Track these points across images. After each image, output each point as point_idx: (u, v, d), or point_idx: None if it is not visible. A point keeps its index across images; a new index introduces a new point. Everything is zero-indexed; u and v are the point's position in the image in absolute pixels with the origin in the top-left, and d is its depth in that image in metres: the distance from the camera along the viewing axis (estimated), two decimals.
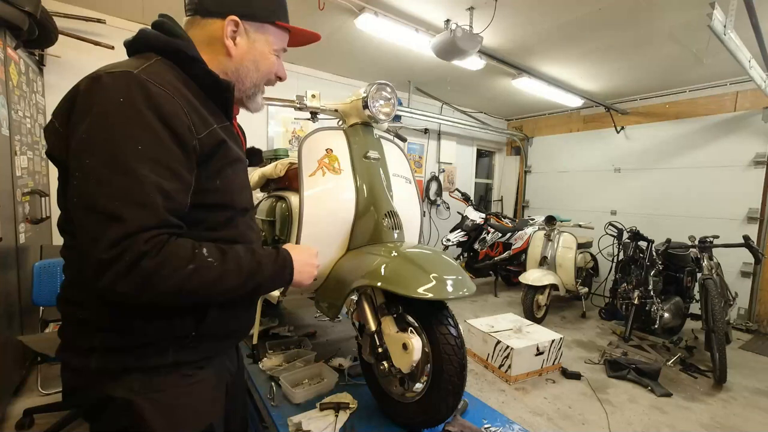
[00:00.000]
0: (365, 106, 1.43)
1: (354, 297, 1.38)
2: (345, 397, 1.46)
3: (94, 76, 0.66)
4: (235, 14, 0.78)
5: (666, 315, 3.19)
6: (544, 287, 3.84)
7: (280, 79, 0.90)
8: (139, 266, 0.60)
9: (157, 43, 0.74)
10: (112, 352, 0.72)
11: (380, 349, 1.22)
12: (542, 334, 2.89)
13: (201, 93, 0.76)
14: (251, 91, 0.86)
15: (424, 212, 4.05)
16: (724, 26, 2.38)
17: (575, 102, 5.08)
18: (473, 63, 3.66)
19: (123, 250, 0.59)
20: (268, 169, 1.91)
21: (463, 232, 4.77)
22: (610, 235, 3.93)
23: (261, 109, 0.93)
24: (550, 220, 4.21)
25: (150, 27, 0.77)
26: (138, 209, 0.61)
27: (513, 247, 4.78)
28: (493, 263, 4.84)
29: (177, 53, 0.74)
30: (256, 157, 1.00)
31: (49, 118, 2.96)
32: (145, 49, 0.75)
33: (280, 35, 0.87)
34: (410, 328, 1.21)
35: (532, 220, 4.94)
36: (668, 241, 3.45)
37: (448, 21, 3.10)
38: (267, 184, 2.09)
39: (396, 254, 1.22)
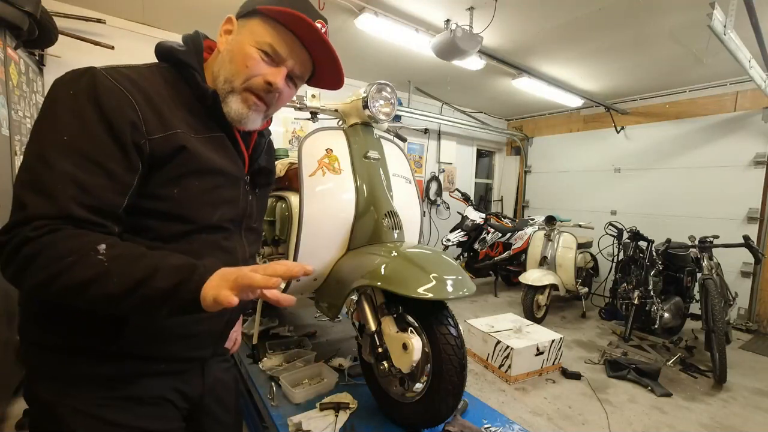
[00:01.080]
0: (365, 106, 1.43)
1: (354, 297, 1.38)
2: (345, 397, 1.46)
3: (67, 72, 0.66)
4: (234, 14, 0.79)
5: (666, 315, 3.19)
6: (544, 287, 3.83)
7: (270, 84, 0.76)
8: (20, 252, 0.57)
9: (162, 52, 0.77)
10: (36, 349, 0.72)
11: (380, 349, 1.22)
12: (542, 334, 2.89)
13: (193, 100, 0.75)
14: (224, 89, 0.76)
15: (424, 212, 4.05)
16: (724, 26, 2.38)
17: (575, 102, 5.08)
18: (473, 63, 3.66)
19: (13, 236, 0.57)
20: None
21: (463, 232, 4.77)
22: (610, 235, 3.93)
23: (240, 119, 0.78)
24: (550, 220, 4.20)
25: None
26: (40, 198, 0.58)
27: (513, 247, 4.77)
28: (493, 263, 4.83)
29: (172, 60, 0.76)
30: (262, 177, 0.92)
31: None
32: (158, 59, 0.78)
33: (269, 26, 0.75)
34: (410, 328, 1.21)
35: (532, 220, 4.94)
36: (668, 241, 3.45)
37: (448, 21, 3.10)
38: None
39: (396, 254, 1.22)
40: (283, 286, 1.51)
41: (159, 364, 0.77)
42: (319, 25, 0.77)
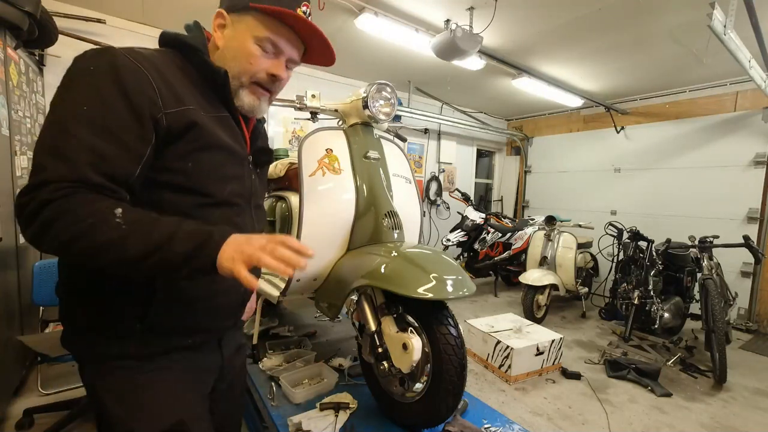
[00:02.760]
0: (365, 106, 1.43)
1: (354, 297, 1.38)
2: (345, 397, 1.46)
3: (84, 51, 0.70)
4: (223, 7, 0.83)
5: (666, 315, 3.19)
6: (544, 287, 3.83)
7: (274, 76, 0.83)
8: (41, 213, 0.60)
9: (168, 38, 0.82)
10: (73, 335, 0.78)
11: (380, 349, 1.22)
12: (542, 334, 2.89)
13: (201, 81, 0.79)
14: (234, 84, 0.81)
15: (424, 212, 4.05)
16: (724, 26, 2.38)
17: (575, 102, 5.08)
18: (473, 63, 3.66)
19: (32, 198, 0.61)
20: (269, 169, 1.92)
21: (463, 232, 4.77)
22: (610, 235, 3.92)
23: (252, 110, 0.85)
24: (550, 220, 4.20)
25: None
26: (59, 162, 0.62)
27: (513, 247, 4.77)
28: (493, 263, 4.83)
29: (180, 44, 0.80)
30: (263, 155, 0.95)
31: None
32: (162, 45, 0.83)
33: (264, 21, 0.79)
34: (410, 328, 1.21)
35: (532, 220, 4.94)
36: (668, 241, 3.45)
37: (448, 21, 3.10)
38: (267, 184, 2.10)
39: (396, 254, 1.22)
40: (283, 285, 1.51)
41: (186, 339, 0.82)
42: (304, 8, 0.82)
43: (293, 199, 1.80)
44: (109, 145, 0.65)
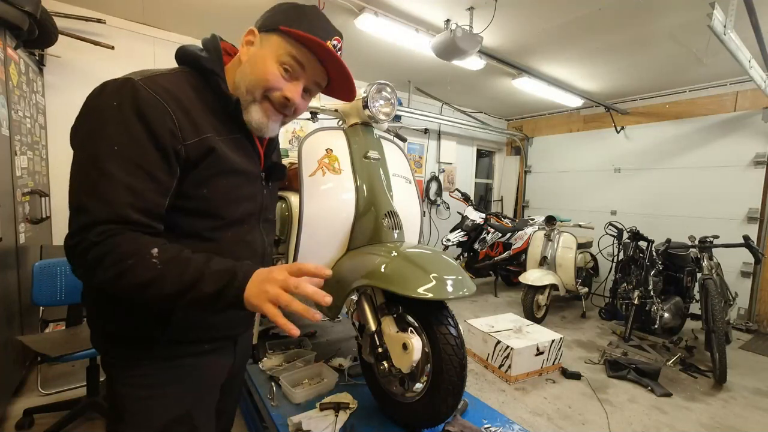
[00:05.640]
0: (365, 106, 1.44)
1: (354, 297, 1.38)
2: (345, 397, 1.46)
3: (104, 82, 0.72)
4: (256, 25, 0.84)
5: (666, 315, 3.19)
6: (544, 287, 3.83)
7: (287, 99, 0.81)
8: (88, 255, 0.65)
9: (184, 57, 0.82)
10: (100, 339, 0.83)
11: (380, 349, 1.22)
12: (542, 334, 2.89)
13: (216, 104, 0.80)
14: (246, 100, 0.81)
15: (424, 212, 4.05)
16: (724, 26, 2.38)
17: (575, 102, 5.08)
18: (473, 63, 3.66)
19: (80, 240, 0.65)
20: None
21: (463, 232, 4.76)
22: (610, 235, 3.92)
23: (260, 128, 0.83)
24: (550, 220, 4.20)
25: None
26: (100, 203, 0.65)
27: (513, 247, 4.77)
28: (493, 263, 4.83)
29: (196, 65, 0.80)
30: (276, 172, 0.97)
31: (49, 118, 2.93)
32: (180, 63, 0.83)
33: (290, 45, 0.80)
34: (410, 328, 1.21)
35: (532, 220, 4.94)
36: (668, 241, 3.45)
37: (448, 21, 3.10)
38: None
39: (396, 254, 1.22)
40: None
41: (203, 345, 0.87)
42: (335, 42, 0.83)
43: (293, 199, 1.80)
44: (143, 183, 0.68)
